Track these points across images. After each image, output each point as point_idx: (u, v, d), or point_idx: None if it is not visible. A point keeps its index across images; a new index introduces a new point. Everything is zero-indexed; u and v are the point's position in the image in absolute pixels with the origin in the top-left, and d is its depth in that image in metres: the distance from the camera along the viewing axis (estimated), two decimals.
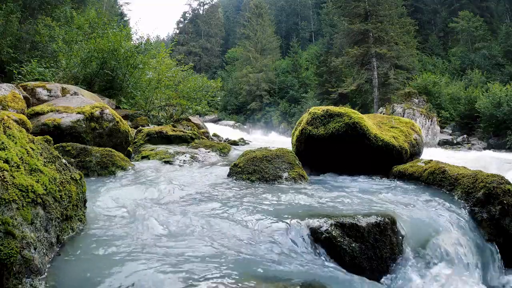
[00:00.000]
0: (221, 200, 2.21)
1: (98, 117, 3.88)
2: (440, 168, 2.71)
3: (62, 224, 1.46)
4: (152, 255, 1.34)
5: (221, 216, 1.89)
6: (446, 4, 39.91)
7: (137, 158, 4.20)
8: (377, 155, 3.34)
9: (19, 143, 1.42)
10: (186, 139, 5.55)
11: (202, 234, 1.64)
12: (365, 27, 26.07)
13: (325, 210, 1.94)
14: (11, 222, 1.10)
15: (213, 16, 57.71)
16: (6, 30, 12.52)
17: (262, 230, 1.70)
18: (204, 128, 9.07)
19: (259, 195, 2.29)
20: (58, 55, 9.54)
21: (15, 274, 1.07)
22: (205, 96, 10.01)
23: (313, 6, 53.43)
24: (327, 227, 1.67)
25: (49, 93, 5.28)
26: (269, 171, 2.87)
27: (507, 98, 19.77)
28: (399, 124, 3.85)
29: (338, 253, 1.60)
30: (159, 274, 1.17)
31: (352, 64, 27.62)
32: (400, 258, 1.72)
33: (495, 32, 33.56)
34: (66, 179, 1.58)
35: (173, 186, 2.56)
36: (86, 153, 2.96)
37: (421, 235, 1.86)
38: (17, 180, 1.23)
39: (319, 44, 40.31)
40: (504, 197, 2.13)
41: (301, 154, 3.47)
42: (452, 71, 30.76)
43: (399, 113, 21.28)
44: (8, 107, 3.70)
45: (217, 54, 55.06)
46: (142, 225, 1.70)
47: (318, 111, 3.41)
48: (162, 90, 9.39)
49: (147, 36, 12.15)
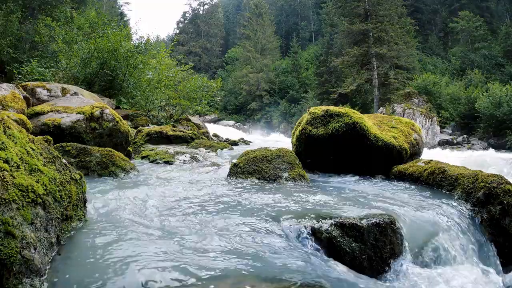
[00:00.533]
0: (221, 200, 2.21)
1: (98, 117, 3.88)
2: (440, 168, 2.71)
3: (62, 224, 1.46)
4: (152, 255, 1.34)
5: (221, 216, 1.89)
6: (446, 4, 39.92)
7: (137, 158, 4.20)
8: (377, 155, 3.34)
9: (19, 143, 1.42)
10: (186, 139, 5.55)
11: (202, 234, 1.64)
12: (365, 27, 26.06)
13: (325, 210, 1.94)
14: (11, 222, 1.10)
15: (213, 16, 57.71)
16: (6, 30, 12.52)
17: (261, 230, 1.70)
18: (204, 128, 9.07)
19: (259, 195, 2.29)
20: (58, 55, 9.55)
21: (15, 274, 1.07)
22: (205, 96, 10.02)
23: (313, 6, 53.44)
24: (327, 227, 1.67)
25: (49, 93, 5.28)
26: (269, 171, 2.87)
27: (507, 98, 19.78)
28: (399, 124, 3.85)
29: (338, 253, 1.60)
30: (159, 273, 1.17)
31: (352, 64, 27.62)
32: (400, 258, 1.72)
33: (495, 32, 33.57)
34: (66, 179, 1.58)
35: (173, 186, 2.56)
36: (86, 153, 2.96)
37: (421, 235, 1.86)
38: (17, 180, 1.23)
39: (319, 44, 40.30)
40: (504, 197, 2.13)
41: (301, 154, 3.48)
42: (452, 71, 30.78)
43: (399, 113, 21.29)
44: (8, 107, 3.70)
45: (217, 54, 55.06)
46: (142, 225, 1.70)
47: (318, 111, 3.41)
48: (162, 90, 9.40)
49: (147, 36, 12.14)
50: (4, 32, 12.46)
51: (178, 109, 9.21)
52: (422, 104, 23.65)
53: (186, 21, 59.81)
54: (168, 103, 9.34)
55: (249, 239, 1.60)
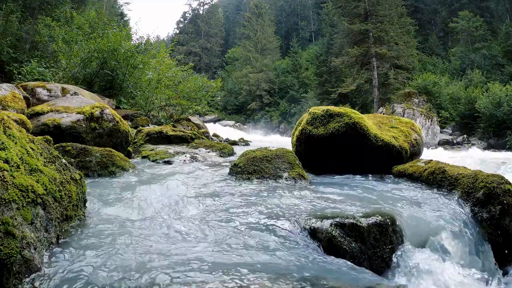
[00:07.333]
0: (221, 200, 2.21)
1: (98, 117, 3.88)
2: (440, 168, 2.71)
3: (62, 224, 1.46)
4: (152, 255, 1.34)
5: (220, 216, 1.89)
6: (446, 4, 39.89)
7: (137, 158, 4.20)
8: (377, 155, 3.34)
9: (19, 143, 1.42)
10: (186, 139, 5.55)
11: (202, 234, 1.64)
12: (365, 27, 26.06)
13: (325, 210, 1.94)
14: (11, 222, 1.10)
15: (213, 16, 57.72)
16: (6, 30, 12.52)
17: (262, 229, 1.70)
18: (204, 128, 9.08)
19: (259, 195, 2.29)
20: (58, 55, 9.54)
21: (15, 274, 1.07)
22: (205, 96, 10.01)
23: (313, 6, 53.42)
24: (327, 227, 1.67)
25: (49, 93, 5.28)
26: (269, 171, 2.87)
27: (507, 98, 19.79)
28: (399, 124, 3.85)
29: (338, 253, 1.60)
30: (159, 273, 1.17)
31: (352, 64, 27.62)
32: (400, 257, 1.72)
33: (495, 32, 33.56)
34: (66, 179, 1.58)
35: (173, 186, 2.55)
36: (86, 153, 2.96)
37: (421, 235, 1.86)
38: (17, 180, 1.23)
39: (319, 44, 40.30)
40: (504, 197, 2.13)
41: (301, 154, 3.48)
42: (452, 71, 30.77)
43: (399, 113, 21.30)
44: (8, 107, 3.70)
45: (217, 54, 55.06)
46: (142, 225, 1.71)
47: (318, 111, 3.41)
48: (162, 90, 9.40)
49: (147, 36, 12.14)
50: (4, 32, 12.46)
51: (178, 109, 9.21)
52: (422, 104, 23.66)
53: (186, 21, 59.81)
54: (168, 103, 9.34)
55: (250, 238, 1.60)
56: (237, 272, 1.23)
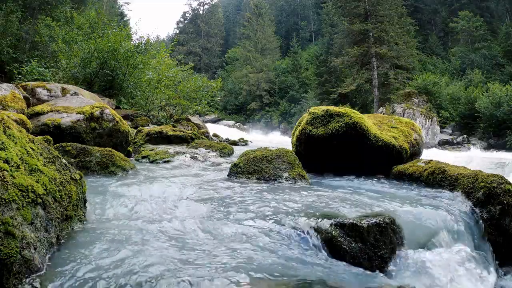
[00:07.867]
0: (221, 200, 2.21)
1: (98, 117, 3.88)
2: (440, 168, 2.71)
3: (62, 224, 1.46)
4: (151, 254, 1.34)
5: (220, 216, 1.89)
6: (446, 4, 39.87)
7: (137, 158, 4.20)
8: (377, 155, 3.34)
9: (19, 143, 1.42)
10: (186, 139, 5.55)
11: (202, 234, 1.64)
12: (365, 27, 26.05)
13: (325, 210, 1.94)
14: (11, 222, 1.10)
15: (213, 16, 57.69)
16: (6, 30, 12.52)
17: (262, 229, 1.70)
18: (204, 128, 9.08)
19: (259, 195, 2.29)
20: (58, 55, 9.54)
21: (15, 274, 1.07)
22: (205, 96, 10.02)
23: (313, 6, 53.40)
24: (327, 227, 1.67)
25: (49, 93, 5.28)
26: (269, 171, 2.87)
27: (507, 98, 19.79)
28: (399, 124, 3.85)
29: (338, 253, 1.60)
30: (159, 273, 1.17)
31: (352, 64, 27.61)
32: (400, 257, 1.72)
33: (495, 32, 33.55)
34: (66, 179, 1.58)
35: (173, 186, 2.55)
36: (86, 153, 2.96)
37: (421, 235, 1.86)
38: (17, 180, 1.23)
39: (319, 44, 40.28)
40: (504, 197, 2.13)
41: (301, 154, 3.48)
42: (452, 71, 30.76)
43: (399, 113, 21.29)
44: (8, 107, 3.70)
45: (217, 54, 55.04)
46: (142, 225, 1.70)
47: (318, 111, 3.41)
48: (162, 90, 9.40)
49: (147, 36, 12.13)
50: (4, 32, 12.46)
51: (178, 109, 9.21)
52: (422, 104, 23.65)
53: (186, 21, 59.79)
54: (168, 103, 9.34)
55: (249, 238, 1.60)
56: (237, 272, 1.23)
